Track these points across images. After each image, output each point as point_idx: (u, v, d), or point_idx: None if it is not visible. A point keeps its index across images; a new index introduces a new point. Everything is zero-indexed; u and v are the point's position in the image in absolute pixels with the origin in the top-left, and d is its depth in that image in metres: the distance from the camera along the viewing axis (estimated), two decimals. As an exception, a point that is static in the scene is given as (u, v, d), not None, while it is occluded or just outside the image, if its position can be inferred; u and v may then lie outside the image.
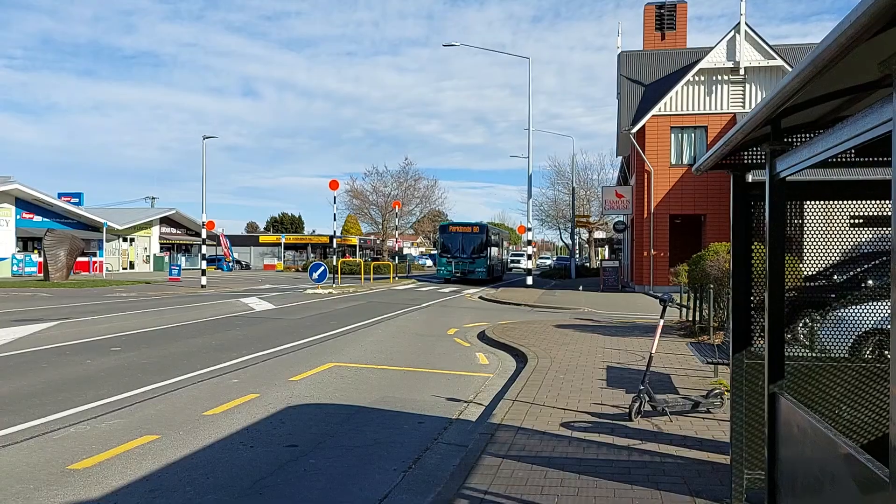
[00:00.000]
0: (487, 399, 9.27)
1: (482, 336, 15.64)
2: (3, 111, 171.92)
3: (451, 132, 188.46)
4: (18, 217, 43.51)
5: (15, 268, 41.90)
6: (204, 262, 37.09)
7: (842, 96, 3.67)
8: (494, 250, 46.07)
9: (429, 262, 78.82)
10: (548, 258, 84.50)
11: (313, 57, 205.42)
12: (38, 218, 44.75)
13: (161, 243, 64.28)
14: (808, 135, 4.13)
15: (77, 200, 50.78)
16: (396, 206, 57.25)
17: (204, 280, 35.31)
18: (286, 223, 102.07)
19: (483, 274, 42.03)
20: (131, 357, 11.92)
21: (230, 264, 66.59)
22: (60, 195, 49.68)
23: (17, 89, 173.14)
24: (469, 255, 42.26)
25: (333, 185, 37.63)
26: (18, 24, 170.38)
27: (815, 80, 2.62)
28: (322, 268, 31.46)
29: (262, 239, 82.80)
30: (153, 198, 75.07)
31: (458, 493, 5.36)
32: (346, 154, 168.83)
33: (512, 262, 68.71)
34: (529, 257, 43.46)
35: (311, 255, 77.88)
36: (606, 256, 63.19)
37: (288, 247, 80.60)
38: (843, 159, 4.17)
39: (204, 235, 38.12)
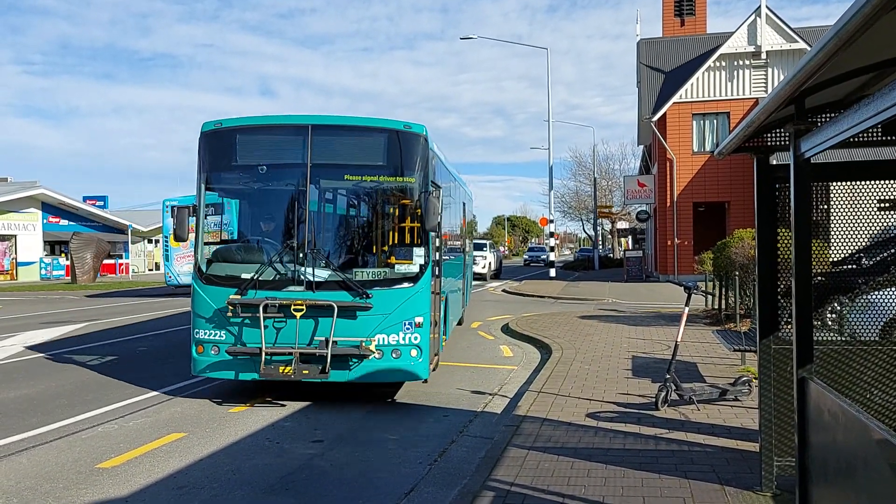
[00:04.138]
0: (512, 391, 9.23)
1: (506, 329, 15.58)
2: (25, 117, 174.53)
3: (469, 125, 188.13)
4: (45, 221, 43.93)
5: (43, 271, 42.33)
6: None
7: (867, 73, 3.59)
8: (450, 242, 12.82)
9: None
10: (540, 251, 49.42)
11: (329, 54, 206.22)
12: (63, 221, 45.16)
13: (185, 244, 64.71)
14: (832, 114, 4.04)
15: (102, 203, 51.20)
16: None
17: (228, 279, 35.38)
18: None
19: (420, 359, 8.11)
20: (158, 356, 12.01)
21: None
22: (85, 198, 50.09)
23: (39, 95, 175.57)
24: (335, 266, 8.11)
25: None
26: (37, 29, 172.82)
27: (840, 53, 2.55)
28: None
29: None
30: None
31: (484, 485, 5.33)
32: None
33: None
34: (552, 249, 36.85)
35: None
36: (630, 246, 62.57)
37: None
38: (869, 138, 4.07)
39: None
